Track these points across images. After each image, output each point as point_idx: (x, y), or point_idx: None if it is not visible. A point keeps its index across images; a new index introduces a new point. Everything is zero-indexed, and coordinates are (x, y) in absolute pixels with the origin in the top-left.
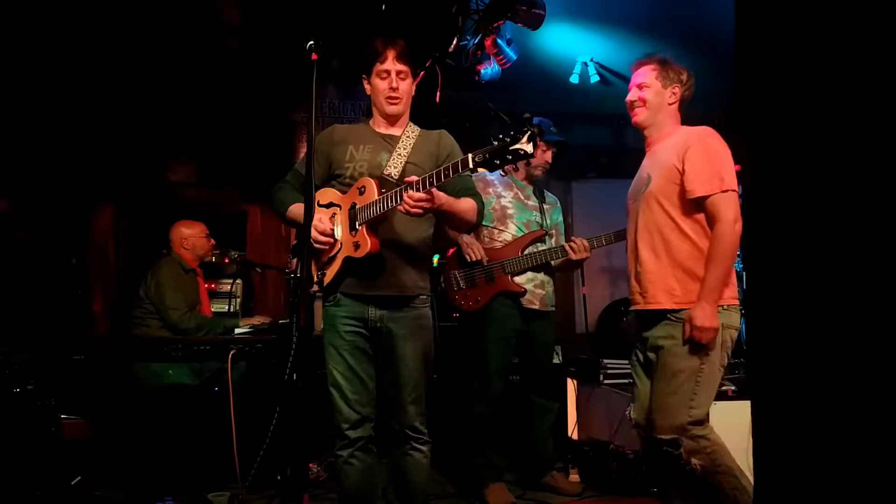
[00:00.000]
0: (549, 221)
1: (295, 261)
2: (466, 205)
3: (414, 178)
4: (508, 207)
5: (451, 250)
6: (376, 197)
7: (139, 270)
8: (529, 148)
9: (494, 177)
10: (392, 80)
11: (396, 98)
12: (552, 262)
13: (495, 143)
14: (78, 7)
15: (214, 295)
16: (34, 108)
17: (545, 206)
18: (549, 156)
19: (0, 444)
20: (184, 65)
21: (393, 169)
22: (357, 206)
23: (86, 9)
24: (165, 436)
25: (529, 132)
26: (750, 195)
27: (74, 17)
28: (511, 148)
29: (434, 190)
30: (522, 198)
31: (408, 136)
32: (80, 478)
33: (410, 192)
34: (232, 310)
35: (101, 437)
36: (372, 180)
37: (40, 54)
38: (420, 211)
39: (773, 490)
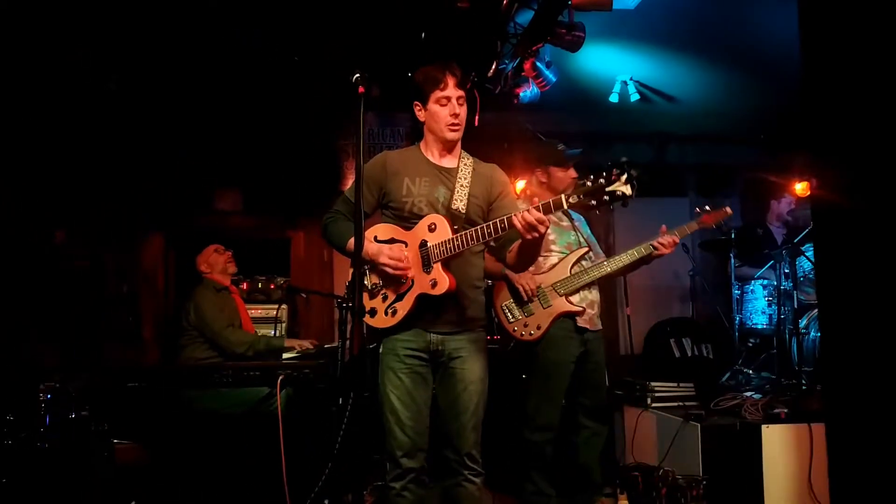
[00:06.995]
0: (583, 237)
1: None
2: None
3: (536, 200)
4: (549, 234)
5: (498, 284)
6: (450, 235)
7: (187, 297)
8: (628, 190)
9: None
10: (453, 107)
11: (458, 125)
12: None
13: (588, 182)
14: (130, 41)
15: (260, 321)
16: (86, 140)
17: (575, 224)
18: (572, 172)
19: (56, 468)
20: (230, 96)
21: (460, 203)
22: (430, 244)
23: (138, 43)
24: (216, 461)
25: (626, 174)
26: (821, 207)
27: (127, 50)
28: (608, 189)
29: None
30: (556, 220)
31: (465, 168)
32: (133, 502)
33: (533, 211)
34: (277, 335)
35: (155, 462)
36: (443, 218)
37: (94, 88)
38: (538, 234)
39: None
